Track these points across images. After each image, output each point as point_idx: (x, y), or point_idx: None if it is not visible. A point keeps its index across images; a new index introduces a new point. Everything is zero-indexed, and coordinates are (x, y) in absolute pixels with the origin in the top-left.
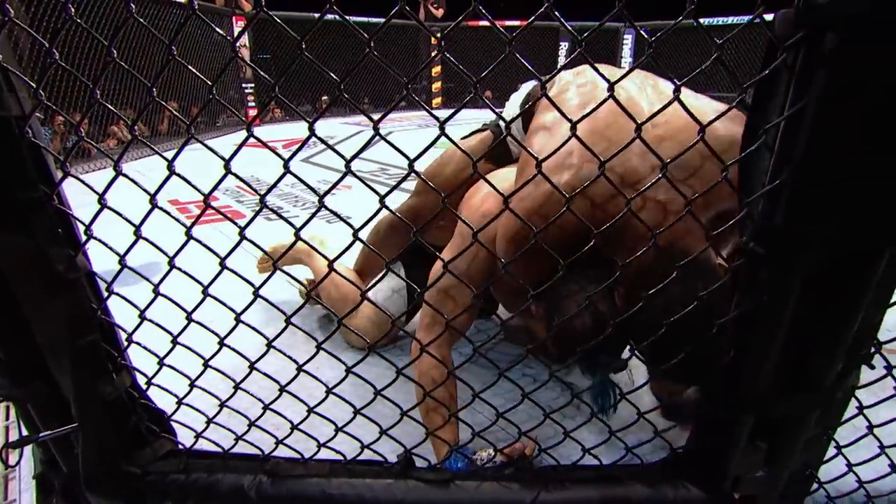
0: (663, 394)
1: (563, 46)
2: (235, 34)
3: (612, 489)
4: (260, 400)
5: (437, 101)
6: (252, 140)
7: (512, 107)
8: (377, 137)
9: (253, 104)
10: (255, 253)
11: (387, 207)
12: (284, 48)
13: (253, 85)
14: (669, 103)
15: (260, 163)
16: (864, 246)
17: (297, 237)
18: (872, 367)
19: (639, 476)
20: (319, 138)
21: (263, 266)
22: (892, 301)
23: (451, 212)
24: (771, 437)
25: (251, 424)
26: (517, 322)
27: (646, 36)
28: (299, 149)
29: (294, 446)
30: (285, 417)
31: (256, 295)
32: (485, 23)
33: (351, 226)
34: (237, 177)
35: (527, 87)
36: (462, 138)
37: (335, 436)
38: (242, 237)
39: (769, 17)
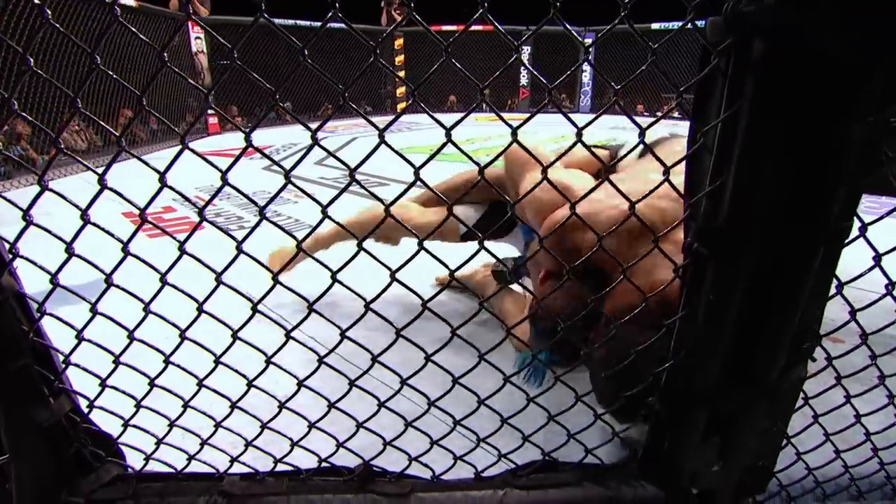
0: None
1: (526, 51)
2: (191, 40)
3: (571, 491)
4: (211, 417)
5: (401, 105)
6: (207, 149)
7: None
8: (314, 146)
9: (212, 111)
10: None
11: (352, 233)
12: (244, 54)
13: (212, 93)
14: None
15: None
16: (800, 243)
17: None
18: (814, 360)
19: (596, 477)
20: (261, 152)
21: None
22: (829, 294)
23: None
24: (723, 432)
25: (203, 443)
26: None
27: (580, 40)
28: (236, 160)
29: (251, 464)
30: (239, 435)
31: (200, 311)
32: (448, 27)
33: (295, 238)
34: (174, 190)
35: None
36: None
37: (291, 451)
38: (182, 252)
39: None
